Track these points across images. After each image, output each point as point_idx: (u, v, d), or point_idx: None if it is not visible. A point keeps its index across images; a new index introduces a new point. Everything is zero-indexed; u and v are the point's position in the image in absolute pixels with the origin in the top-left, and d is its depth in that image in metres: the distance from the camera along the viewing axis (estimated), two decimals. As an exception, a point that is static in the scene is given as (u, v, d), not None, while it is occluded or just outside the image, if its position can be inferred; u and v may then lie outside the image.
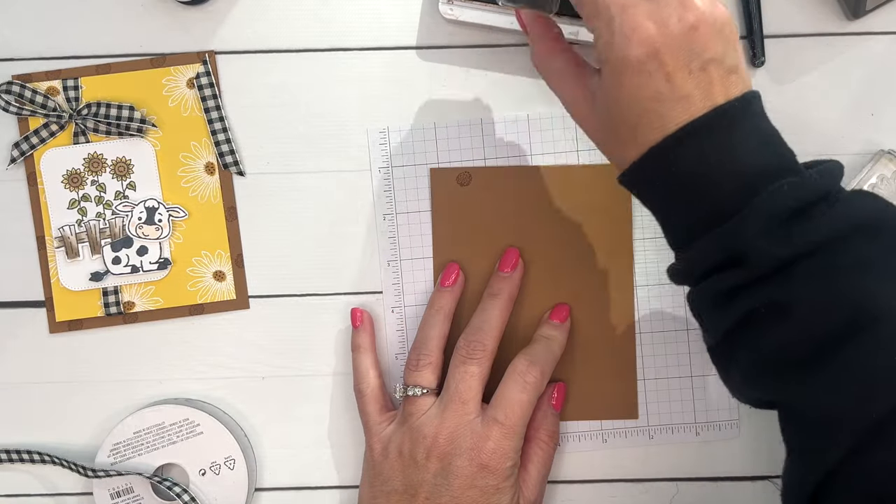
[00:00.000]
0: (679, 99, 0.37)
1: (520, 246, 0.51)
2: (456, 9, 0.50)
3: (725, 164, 0.37)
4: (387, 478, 0.47)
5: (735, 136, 0.37)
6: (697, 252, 0.38)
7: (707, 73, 0.37)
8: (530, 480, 0.49)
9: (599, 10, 0.38)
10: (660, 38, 0.36)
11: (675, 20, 0.36)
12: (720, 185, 0.37)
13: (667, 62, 0.36)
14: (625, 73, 0.37)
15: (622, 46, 0.37)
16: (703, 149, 0.37)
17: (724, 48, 0.37)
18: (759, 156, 0.37)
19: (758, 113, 0.38)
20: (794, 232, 0.36)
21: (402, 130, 0.52)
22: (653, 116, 0.37)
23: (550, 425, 0.50)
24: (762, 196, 0.36)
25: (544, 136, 0.52)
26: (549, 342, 0.49)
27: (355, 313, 0.52)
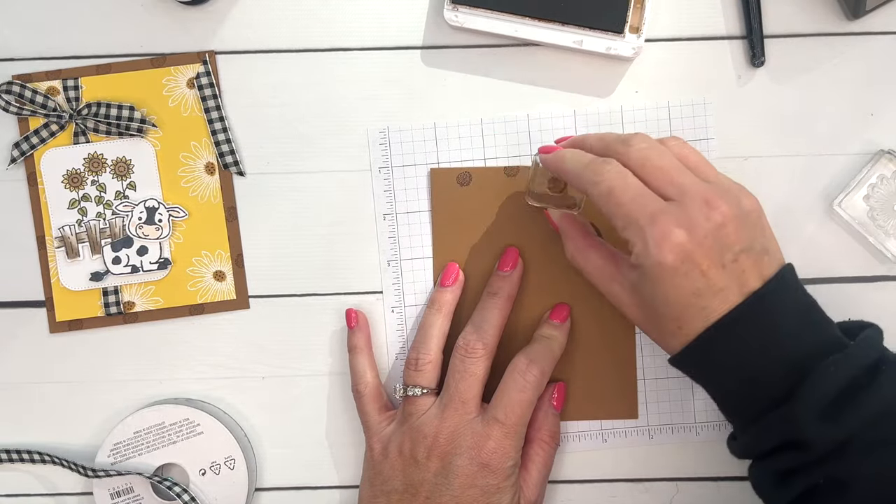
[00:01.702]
0: (717, 292, 0.39)
1: (519, 246, 0.51)
2: (461, 16, 0.50)
3: (769, 348, 0.39)
4: (387, 477, 0.47)
5: (775, 317, 0.39)
6: (754, 437, 0.41)
7: (739, 264, 0.39)
8: (531, 480, 0.49)
9: (630, 222, 0.40)
10: (690, 242, 0.39)
11: (703, 221, 0.39)
12: (767, 370, 0.39)
13: (700, 262, 0.39)
14: (662, 277, 0.39)
15: (656, 254, 0.39)
16: (746, 334, 0.39)
17: (751, 236, 0.40)
18: (802, 335, 0.39)
19: (793, 287, 0.41)
20: (847, 412, 0.38)
21: (402, 130, 0.52)
22: (694, 310, 0.39)
23: (551, 425, 0.50)
24: (811, 381, 0.38)
25: (544, 136, 0.52)
26: (549, 342, 0.49)
27: (350, 314, 0.52)
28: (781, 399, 0.39)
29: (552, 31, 0.50)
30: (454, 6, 0.50)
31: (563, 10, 0.49)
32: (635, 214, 0.40)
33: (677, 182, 0.40)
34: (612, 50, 0.50)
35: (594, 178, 0.41)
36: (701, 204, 0.39)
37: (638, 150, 0.41)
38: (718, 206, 0.39)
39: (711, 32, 0.51)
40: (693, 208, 0.39)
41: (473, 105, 0.52)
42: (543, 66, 0.52)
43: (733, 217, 0.39)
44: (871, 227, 0.50)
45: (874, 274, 0.51)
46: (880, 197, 0.50)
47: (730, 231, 0.39)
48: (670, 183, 0.40)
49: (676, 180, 0.40)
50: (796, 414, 0.38)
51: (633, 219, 0.40)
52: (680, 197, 0.40)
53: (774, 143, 0.51)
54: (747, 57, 0.51)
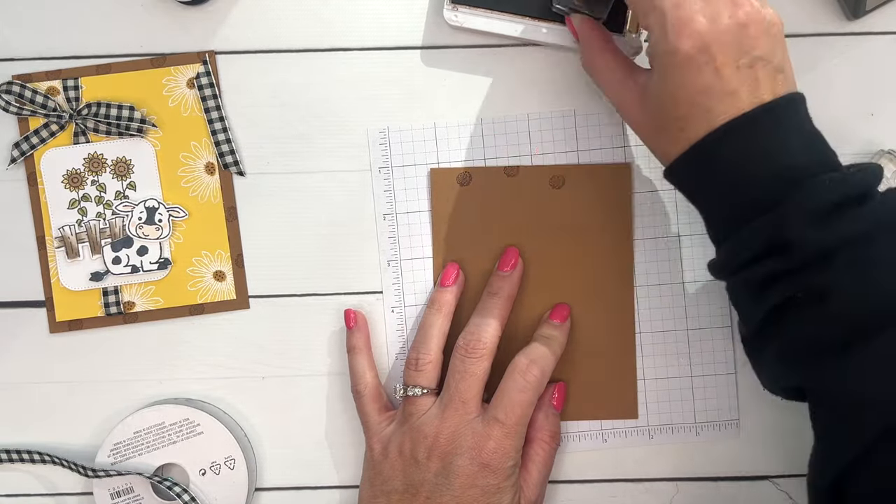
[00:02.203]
0: (727, 94, 0.38)
1: (519, 246, 0.51)
2: (461, 15, 0.50)
3: (769, 159, 0.38)
4: (387, 477, 0.47)
5: (779, 133, 0.38)
6: (739, 241, 0.39)
7: (754, 71, 0.38)
8: (531, 480, 0.49)
9: (654, 5, 0.39)
10: (710, 32, 0.38)
11: (726, 16, 0.38)
12: (763, 180, 0.38)
13: (716, 56, 0.38)
14: (675, 66, 0.39)
15: (673, 40, 0.38)
16: (748, 144, 0.38)
17: (772, 47, 0.39)
18: (802, 153, 0.38)
19: (802, 113, 0.40)
20: (835, 223, 0.37)
21: (402, 130, 0.52)
22: (700, 110, 0.38)
23: (552, 425, 0.50)
24: (805, 188, 0.37)
25: (544, 136, 0.52)
26: (548, 342, 0.49)
27: (349, 314, 0.52)
28: (771, 206, 0.38)
29: (552, 31, 0.50)
30: (454, 6, 0.50)
31: None
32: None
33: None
34: None
35: None
36: (727, 0, 0.38)
37: None
38: (744, 4, 0.38)
39: (711, 32, 0.51)
40: (719, 2, 0.38)
41: (473, 105, 0.52)
42: (543, 67, 0.52)
43: (757, 21, 0.38)
44: (871, 227, 0.50)
45: (874, 274, 0.51)
46: (880, 197, 0.50)
47: (751, 33, 0.38)
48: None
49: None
50: (785, 216, 0.37)
51: (657, 3, 0.39)
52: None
53: (774, 143, 0.51)
54: (747, 57, 0.51)
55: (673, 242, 0.52)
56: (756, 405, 0.52)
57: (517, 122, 0.52)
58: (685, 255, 0.52)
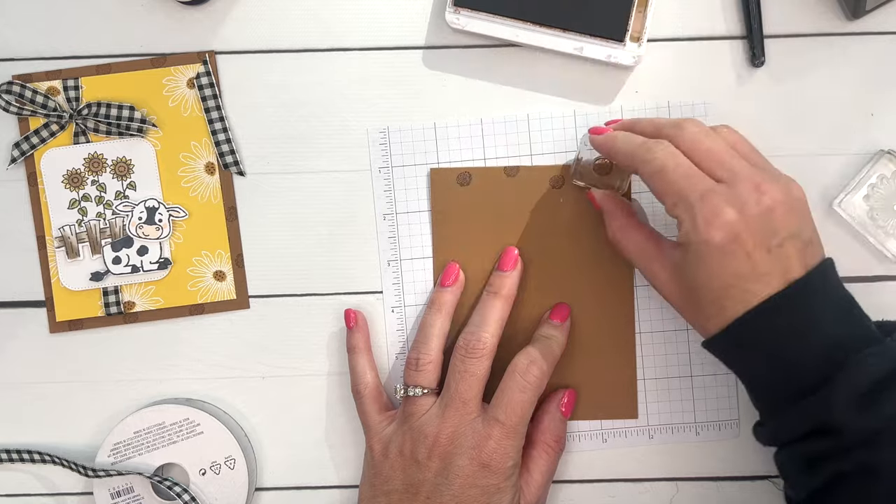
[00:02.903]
0: (760, 276, 0.39)
1: (519, 245, 0.51)
2: (462, 18, 0.50)
3: (807, 335, 0.39)
4: (387, 477, 0.47)
5: (815, 307, 0.39)
6: (785, 422, 0.41)
7: (784, 250, 0.39)
8: (533, 483, 0.48)
9: (681, 199, 0.40)
10: (739, 222, 0.39)
11: (753, 204, 0.39)
12: (804, 357, 0.39)
13: (747, 243, 0.39)
14: (708, 255, 0.40)
15: (704, 232, 0.40)
16: (786, 321, 0.39)
17: (799, 224, 0.40)
18: (839, 326, 0.40)
19: (833, 281, 0.41)
20: (881, 402, 0.38)
21: (403, 130, 0.52)
22: (735, 292, 0.40)
23: (557, 430, 0.50)
24: (847, 370, 0.38)
25: (544, 136, 0.52)
26: (548, 342, 0.49)
27: (349, 314, 0.52)
28: (815, 386, 0.39)
29: (553, 37, 0.50)
30: (456, 9, 0.50)
31: (565, 16, 0.49)
32: (686, 191, 0.40)
33: (728, 165, 0.41)
34: (612, 58, 0.50)
35: (646, 157, 0.42)
36: (751, 187, 0.40)
37: (690, 132, 0.42)
38: (768, 190, 0.40)
39: (711, 32, 0.51)
40: (744, 191, 0.40)
41: (473, 106, 0.52)
42: (544, 69, 0.52)
43: (782, 203, 0.40)
44: (871, 227, 0.50)
45: (874, 274, 0.51)
46: (880, 197, 0.50)
47: (778, 216, 0.40)
48: (721, 165, 0.41)
49: (728, 163, 0.41)
50: (831, 400, 0.38)
51: (684, 196, 0.40)
52: (731, 179, 0.40)
53: (774, 143, 0.51)
54: (747, 57, 0.51)
55: (673, 242, 0.52)
56: (756, 405, 0.52)
57: (517, 122, 0.52)
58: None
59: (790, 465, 0.42)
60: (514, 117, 0.52)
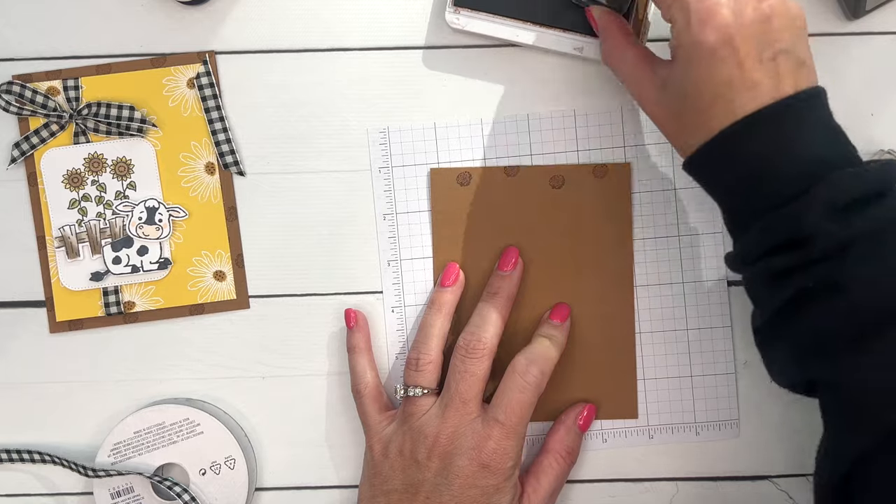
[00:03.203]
0: (749, 86, 0.38)
1: (519, 246, 0.51)
2: (462, 18, 0.50)
3: (790, 152, 0.38)
4: (387, 477, 0.47)
5: (801, 127, 0.38)
6: (758, 233, 0.40)
7: (777, 64, 0.38)
8: (541, 491, 0.48)
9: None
10: (734, 25, 0.38)
11: (750, 10, 0.38)
12: (784, 172, 0.38)
13: (739, 49, 0.38)
14: (698, 58, 0.39)
15: (697, 31, 0.39)
16: (770, 137, 0.38)
17: (795, 40, 0.39)
18: (823, 147, 0.39)
19: (823, 107, 0.40)
20: (853, 217, 0.37)
21: (403, 130, 0.52)
22: (722, 102, 0.39)
23: (572, 442, 0.50)
24: (825, 182, 0.37)
25: (544, 135, 0.52)
26: (548, 342, 0.49)
27: (349, 314, 0.52)
28: (789, 200, 0.38)
29: (553, 37, 0.50)
30: (456, 9, 0.50)
31: (565, 16, 0.49)
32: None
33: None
34: None
35: None
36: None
37: None
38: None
39: (711, 32, 0.51)
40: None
41: (473, 106, 0.52)
42: (544, 69, 0.52)
43: (781, 14, 0.39)
44: (871, 227, 0.50)
45: (874, 274, 0.51)
46: (880, 197, 0.50)
47: (775, 27, 0.39)
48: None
49: None
50: (803, 209, 0.38)
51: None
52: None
53: (774, 143, 0.51)
54: (747, 57, 0.51)
55: (673, 242, 0.52)
56: (756, 405, 0.52)
57: (517, 122, 0.52)
58: (685, 255, 0.52)
59: (758, 284, 0.41)
60: (514, 117, 0.52)
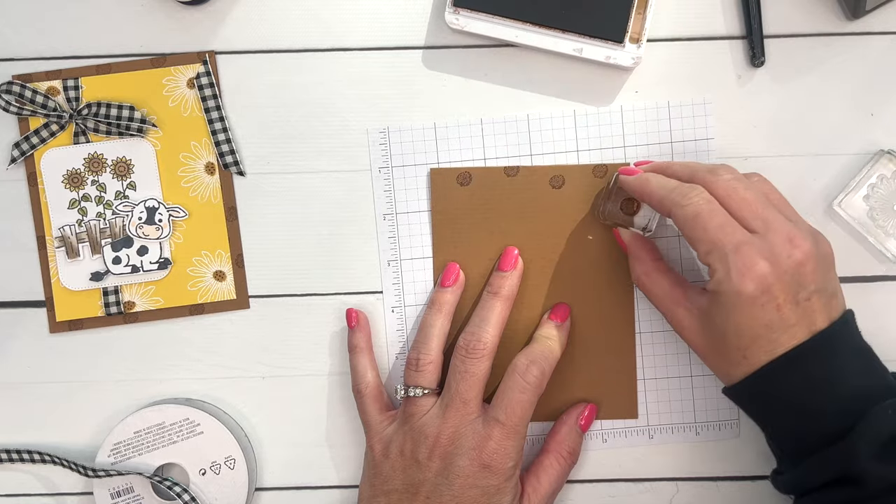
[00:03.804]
0: (788, 327, 0.40)
1: (519, 246, 0.51)
2: (462, 19, 0.50)
3: (829, 385, 0.40)
4: (387, 477, 0.47)
5: (837, 357, 0.41)
6: (807, 470, 0.41)
7: (811, 303, 0.41)
8: (541, 490, 0.48)
9: (715, 247, 0.41)
10: (772, 275, 0.40)
11: (785, 257, 0.40)
12: (826, 407, 0.40)
13: (778, 296, 0.40)
14: (739, 305, 0.41)
15: (737, 283, 0.40)
16: (810, 371, 0.40)
17: (826, 278, 0.42)
18: (861, 378, 0.41)
19: (854, 332, 0.42)
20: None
21: (403, 130, 0.52)
22: (763, 342, 0.41)
23: (573, 442, 0.50)
24: (869, 419, 0.39)
25: (544, 136, 0.52)
26: (548, 342, 0.49)
27: (350, 314, 0.52)
28: (837, 435, 0.40)
29: (552, 38, 0.50)
30: (455, 9, 0.50)
31: (564, 17, 0.49)
32: (721, 241, 0.41)
33: (762, 215, 0.41)
34: (611, 59, 0.50)
35: (681, 202, 0.42)
36: (784, 240, 0.41)
37: (725, 180, 0.43)
38: (801, 244, 0.41)
39: (711, 32, 0.51)
40: (777, 243, 0.40)
41: (473, 106, 0.52)
42: (543, 70, 0.52)
43: (812, 257, 0.41)
44: (871, 227, 0.50)
45: (874, 274, 0.52)
46: (880, 197, 0.50)
47: (808, 270, 0.41)
48: (756, 216, 0.41)
49: (762, 214, 0.42)
50: (853, 450, 0.39)
51: (719, 245, 0.41)
52: (764, 230, 0.41)
53: (774, 143, 0.51)
54: (747, 57, 0.51)
55: (673, 243, 0.52)
56: (756, 405, 0.52)
57: (517, 122, 0.52)
58: (685, 255, 0.52)
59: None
60: (514, 117, 0.52)
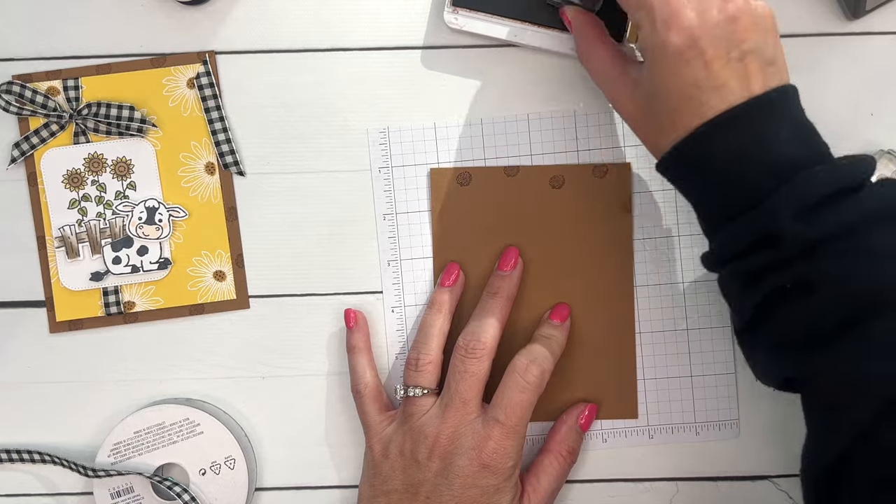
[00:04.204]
0: (717, 87, 0.38)
1: (519, 245, 0.51)
2: (461, 18, 0.50)
3: (760, 151, 0.38)
4: (387, 477, 0.47)
5: (771, 125, 0.38)
6: (731, 234, 0.40)
7: (745, 64, 0.38)
8: (540, 490, 0.48)
9: (643, 2, 0.40)
10: (699, 27, 0.38)
11: (715, 11, 0.38)
12: (754, 172, 0.39)
13: (706, 50, 0.38)
14: (665, 60, 0.39)
15: (663, 34, 0.39)
16: (739, 136, 0.38)
17: (763, 40, 0.39)
18: (793, 145, 0.39)
19: (794, 105, 0.40)
20: (825, 215, 0.37)
21: (403, 130, 0.52)
22: (691, 103, 0.39)
23: (573, 442, 0.50)
24: (795, 181, 0.38)
25: (544, 136, 0.52)
26: (548, 341, 0.49)
27: (349, 314, 0.52)
28: (763, 199, 0.38)
29: (551, 38, 0.50)
30: (454, 9, 0.50)
31: None
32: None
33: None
34: None
35: None
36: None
37: None
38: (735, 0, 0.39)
39: (711, 32, 0.51)
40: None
41: (472, 106, 0.52)
42: (544, 66, 0.52)
43: (747, 14, 0.39)
44: (871, 227, 0.50)
45: (874, 274, 0.51)
46: (880, 197, 0.50)
47: (741, 27, 0.39)
48: None
49: None
50: (775, 208, 0.38)
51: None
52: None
53: (774, 143, 0.51)
54: (747, 57, 0.51)
55: (673, 242, 0.52)
56: (756, 405, 0.52)
57: (517, 122, 0.52)
58: (685, 255, 0.52)
59: (733, 283, 0.41)
60: (514, 117, 0.52)
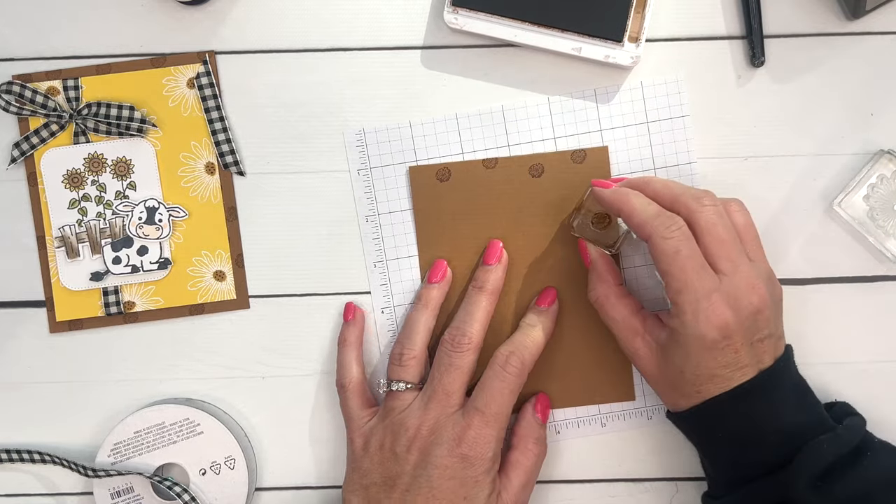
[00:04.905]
0: (741, 367, 0.43)
1: (504, 237, 0.51)
2: (461, 18, 0.50)
3: (772, 419, 0.44)
4: (366, 471, 0.48)
5: (779, 393, 0.44)
6: (745, 497, 0.45)
7: (763, 345, 0.44)
8: (511, 488, 0.48)
9: (688, 289, 0.43)
10: (735, 323, 0.43)
11: (746, 304, 0.43)
12: (765, 440, 0.44)
13: (736, 341, 0.43)
14: (701, 348, 0.43)
15: (703, 328, 0.43)
16: (753, 405, 0.44)
17: (776, 323, 0.45)
18: (798, 413, 0.44)
19: (792, 367, 0.46)
20: (835, 486, 0.43)
21: (378, 131, 0.52)
22: (718, 380, 0.44)
23: (535, 432, 0.50)
24: (805, 453, 0.43)
25: (520, 125, 0.52)
26: (532, 330, 0.49)
27: (349, 307, 0.52)
28: (774, 466, 0.44)
29: (551, 38, 0.50)
30: (454, 8, 0.50)
31: (563, 16, 0.49)
32: (695, 286, 0.43)
33: (733, 259, 0.44)
34: (610, 58, 0.50)
35: (664, 234, 0.44)
36: (747, 286, 0.43)
37: (707, 214, 0.44)
38: (759, 290, 0.44)
39: (711, 32, 0.51)
40: (741, 288, 0.43)
41: (472, 105, 0.52)
42: (542, 69, 0.52)
43: (768, 305, 0.44)
44: (870, 227, 0.50)
45: (874, 274, 0.51)
46: (880, 197, 0.50)
47: (763, 317, 0.44)
48: (727, 258, 0.44)
49: (734, 258, 0.44)
50: (791, 479, 0.43)
51: (692, 289, 0.43)
52: (731, 274, 0.43)
53: (774, 142, 0.51)
54: (747, 57, 0.51)
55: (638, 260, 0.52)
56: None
57: (492, 115, 0.52)
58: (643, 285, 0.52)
59: None
60: (489, 110, 0.52)
